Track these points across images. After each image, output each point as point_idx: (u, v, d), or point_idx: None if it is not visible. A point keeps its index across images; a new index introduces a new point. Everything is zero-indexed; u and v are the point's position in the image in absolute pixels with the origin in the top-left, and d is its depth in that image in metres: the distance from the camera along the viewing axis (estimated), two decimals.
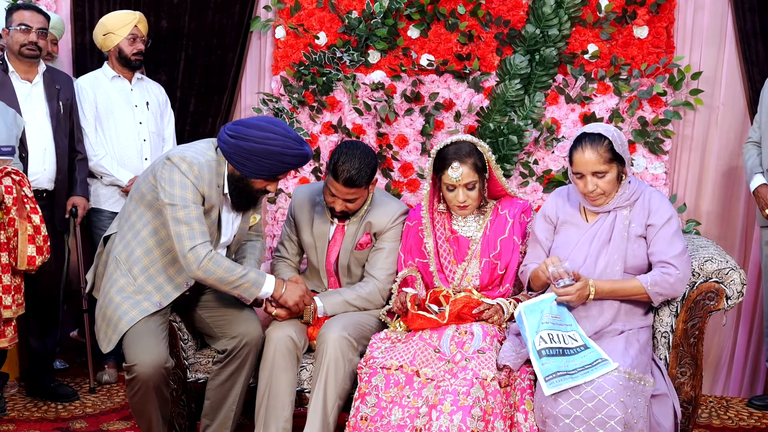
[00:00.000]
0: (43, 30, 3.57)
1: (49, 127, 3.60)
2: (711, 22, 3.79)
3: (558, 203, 2.88)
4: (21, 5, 3.67)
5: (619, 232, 2.71)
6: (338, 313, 2.98)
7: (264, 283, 2.78)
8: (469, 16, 3.87)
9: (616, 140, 2.65)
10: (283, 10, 4.04)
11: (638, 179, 2.93)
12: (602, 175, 2.66)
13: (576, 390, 2.44)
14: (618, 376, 2.45)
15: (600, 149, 2.64)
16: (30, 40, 3.52)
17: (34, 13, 3.57)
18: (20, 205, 3.12)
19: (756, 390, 3.92)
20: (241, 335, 2.83)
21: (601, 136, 2.65)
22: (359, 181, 2.90)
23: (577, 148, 2.67)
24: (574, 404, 2.42)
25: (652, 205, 2.72)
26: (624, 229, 2.72)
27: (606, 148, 2.64)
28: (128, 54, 3.83)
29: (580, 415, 2.40)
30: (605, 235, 2.73)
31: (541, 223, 2.88)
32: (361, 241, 3.09)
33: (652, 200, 2.73)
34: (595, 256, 2.72)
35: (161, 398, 2.72)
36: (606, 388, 2.42)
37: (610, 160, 2.65)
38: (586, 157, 2.65)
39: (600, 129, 2.68)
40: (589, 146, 2.65)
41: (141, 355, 2.64)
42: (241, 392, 2.88)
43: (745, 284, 2.71)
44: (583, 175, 2.68)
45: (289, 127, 2.75)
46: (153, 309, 2.73)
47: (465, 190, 2.86)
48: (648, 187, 2.79)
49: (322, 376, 2.76)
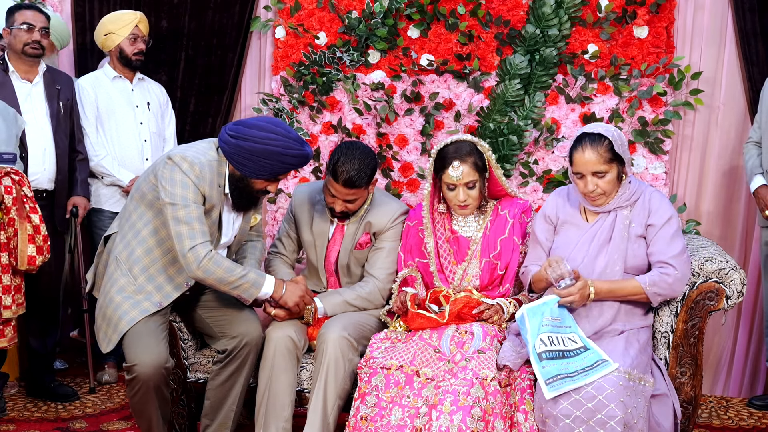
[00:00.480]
0: (46, 29, 3.59)
1: (49, 127, 3.61)
2: (711, 22, 3.79)
3: (558, 203, 2.87)
4: (23, 5, 3.68)
5: (619, 232, 2.71)
6: (338, 314, 2.98)
7: (264, 283, 2.78)
8: (469, 16, 3.87)
9: (616, 140, 2.65)
10: (283, 10, 4.04)
11: (638, 179, 2.93)
12: (602, 175, 2.66)
13: (576, 390, 2.44)
14: (618, 376, 2.45)
15: (600, 149, 2.64)
16: (33, 38, 3.53)
17: (36, 12, 3.58)
18: (20, 205, 3.12)
19: (756, 390, 3.92)
20: (241, 335, 2.83)
21: (601, 136, 2.65)
22: (359, 181, 2.90)
23: (577, 148, 2.67)
24: (574, 404, 2.42)
25: (653, 205, 2.72)
26: (624, 229, 2.71)
27: (606, 148, 2.64)
28: (129, 54, 3.83)
29: (580, 415, 2.40)
30: (605, 234, 2.73)
31: (541, 223, 2.88)
32: (360, 241, 3.09)
33: (653, 200, 2.73)
34: (594, 255, 2.72)
35: (161, 398, 2.72)
36: (606, 388, 2.42)
37: (610, 160, 2.65)
38: (586, 157, 2.65)
39: (600, 129, 2.68)
40: (589, 146, 2.65)
41: (141, 355, 2.64)
42: (240, 392, 2.88)
43: (745, 284, 2.70)
44: (583, 175, 2.68)
45: (290, 128, 2.75)
46: (153, 309, 2.73)
47: (465, 189, 2.86)
48: (648, 187, 2.79)
49: (322, 376, 2.76)
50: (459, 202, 2.88)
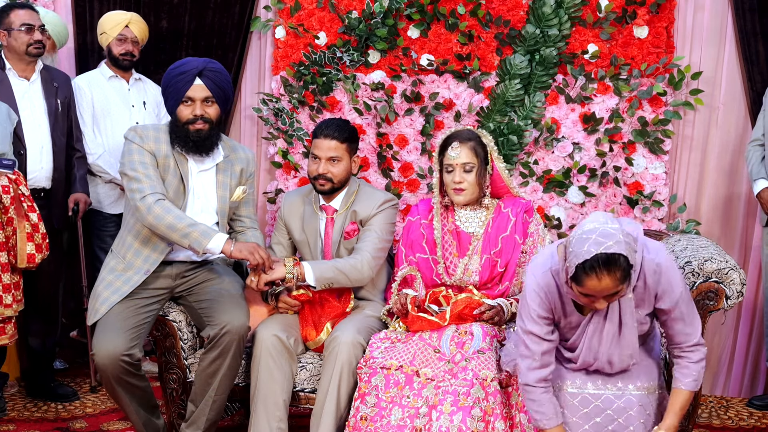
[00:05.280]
0: (42, 26, 3.58)
1: (47, 124, 3.59)
2: (711, 22, 3.79)
3: (547, 295, 2.36)
4: (14, 5, 3.65)
5: (627, 322, 2.35)
6: (326, 278, 2.94)
7: (214, 235, 2.81)
8: (469, 16, 3.87)
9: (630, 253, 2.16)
10: (283, 10, 4.04)
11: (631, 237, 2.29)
12: (617, 294, 2.23)
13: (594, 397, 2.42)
14: (638, 395, 2.41)
15: (618, 272, 2.14)
16: (35, 38, 3.53)
17: (30, 11, 3.56)
18: (18, 203, 3.12)
19: (756, 390, 3.92)
20: (224, 323, 2.84)
21: (615, 256, 2.13)
22: (340, 135, 3.03)
23: (591, 275, 2.14)
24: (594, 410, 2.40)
25: (660, 286, 2.31)
26: (631, 316, 2.35)
27: (623, 266, 2.15)
28: (116, 54, 3.84)
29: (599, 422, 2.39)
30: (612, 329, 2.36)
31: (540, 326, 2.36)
32: (347, 230, 3.10)
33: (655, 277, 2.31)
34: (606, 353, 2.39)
35: (127, 388, 2.79)
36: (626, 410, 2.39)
37: (625, 277, 2.18)
38: (602, 285, 2.16)
39: (610, 241, 2.14)
40: (605, 273, 2.13)
41: (98, 344, 2.75)
42: (223, 382, 2.86)
43: (745, 284, 2.70)
44: (594, 297, 2.22)
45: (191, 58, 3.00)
46: (133, 287, 2.85)
47: (461, 172, 2.88)
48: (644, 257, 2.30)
49: (336, 378, 2.76)
50: (454, 184, 2.89)
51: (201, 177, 2.99)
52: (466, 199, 2.93)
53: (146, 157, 2.87)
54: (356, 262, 2.99)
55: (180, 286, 3.01)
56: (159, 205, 2.79)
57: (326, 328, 2.96)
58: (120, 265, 2.92)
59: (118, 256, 2.95)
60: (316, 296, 2.99)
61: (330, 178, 3.05)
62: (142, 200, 2.80)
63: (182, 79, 2.87)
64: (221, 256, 2.96)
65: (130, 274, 2.89)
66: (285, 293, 2.98)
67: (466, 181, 2.88)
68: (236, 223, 3.15)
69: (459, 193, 2.91)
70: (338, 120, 3.13)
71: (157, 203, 2.79)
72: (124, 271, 2.90)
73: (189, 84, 2.87)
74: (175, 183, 2.93)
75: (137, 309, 2.85)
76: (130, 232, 2.94)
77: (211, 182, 3.01)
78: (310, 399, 2.91)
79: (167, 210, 2.80)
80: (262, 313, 3.02)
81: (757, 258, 3.82)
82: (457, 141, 2.89)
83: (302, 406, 2.96)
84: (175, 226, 2.78)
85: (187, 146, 2.92)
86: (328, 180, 3.05)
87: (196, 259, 3.01)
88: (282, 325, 2.92)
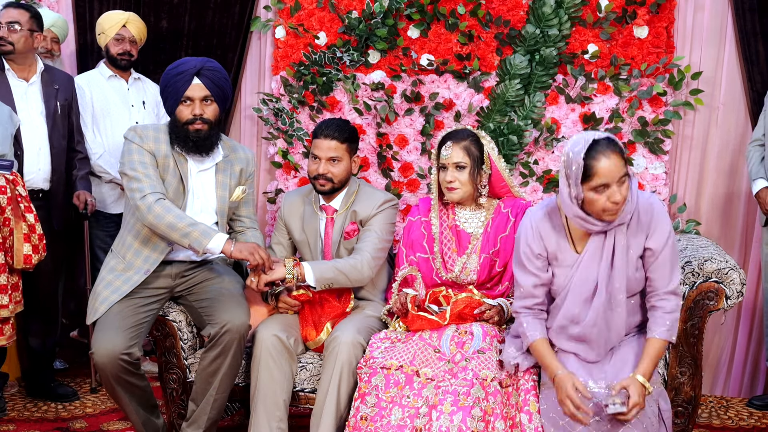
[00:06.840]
0: (13, 24, 3.51)
1: (45, 126, 3.58)
2: (711, 22, 3.79)
3: (542, 233, 2.53)
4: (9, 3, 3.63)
5: (620, 259, 2.46)
6: (326, 278, 2.94)
7: (214, 235, 2.81)
8: (469, 16, 3.87)
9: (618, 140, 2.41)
10: (283, 10, 4.04)
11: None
12: (624, 180, 2.36)
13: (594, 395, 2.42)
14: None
15: (619, 150, 2.36)
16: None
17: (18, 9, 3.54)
18: (14, 204, 3.12)
19: (756, 390, 3.92)
20: (224, 322, 2.84)
21: (610, 139, 2.37)
22: (341, 135, 3.03)
23: (598, 157, 2.32)
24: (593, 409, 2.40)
25: (651, 223, 2.46)
26: (624, 253, 2.46)
27: (619, 145, 2.37)
28: (113, 54, 3.85)
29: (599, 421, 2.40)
30: (605, 268, 2.47)
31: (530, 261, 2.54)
32: (347, 230, 3.10)
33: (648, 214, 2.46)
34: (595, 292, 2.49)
35: (126, 387, 2.79)
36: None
37: (625, 162, 2.38)
38: (613, 163, 2.32)
39: (598, 134, 2.40)
40: (610, 151, 2.33)
41: (97, 342, 2.75)
42: (223, 381, 2.87)
43: (745, 284, 2.70)
44: (608, 185, 2.34)
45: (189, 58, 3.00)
46: (132, 287, 2.86)
47: (454, 170, 2.89)
48: (640, 194, 2.49)
49: (336, 378, 2.76)
50: (446, 183, 2.91)
51: (200, 177, 2.99)
52: (458, 197, 2.94)
53: (146, 156, 2.89)
54: (356, 263, 2.99)
55: (180, 285, 3.01)
56: (159, 205, 2.80)
57: (326, 328, 2.96)
58: (120, 265, 2.93)
59: (118, 255, 2.96)
60: (316, 296, 2.99)
61: (330, 178, 3.05)
62: (142, 199, 2.81)
63: (180, 78, 2.88)
64: (221, 256, 2.97)
65: (130, 274, 2.90)
66: (285, 293, 2.98)
67: (457, 180, 2.90)
68: (236, 223, 3.16)
69: (451, 191, 2.93)
70: (338, 120, 3.14)
71: (158, 202, 2.80)
72: (124, 271, 2.91)
73: (187, 84, 2.87)
74: (175, 183, 2.94)
75: (137, 308, 2.85)
76: (130, 231, 2.95)
77: (210, 182, 3.01)
78: (310, 399, 2.91)
79: (167, 209, 2.80)
80: (262, 313, 3.02)
81: (757, 258, 3.82)
82: (450, 141, 2.91)
83: (302, 406, 2.96)
84: (176, 225, 2.79)
85: (187, 146, 2.93)
86: (328, 180, 3.05)
87: (195, 258, 3.01)
88: (282, 325, 2.92)
